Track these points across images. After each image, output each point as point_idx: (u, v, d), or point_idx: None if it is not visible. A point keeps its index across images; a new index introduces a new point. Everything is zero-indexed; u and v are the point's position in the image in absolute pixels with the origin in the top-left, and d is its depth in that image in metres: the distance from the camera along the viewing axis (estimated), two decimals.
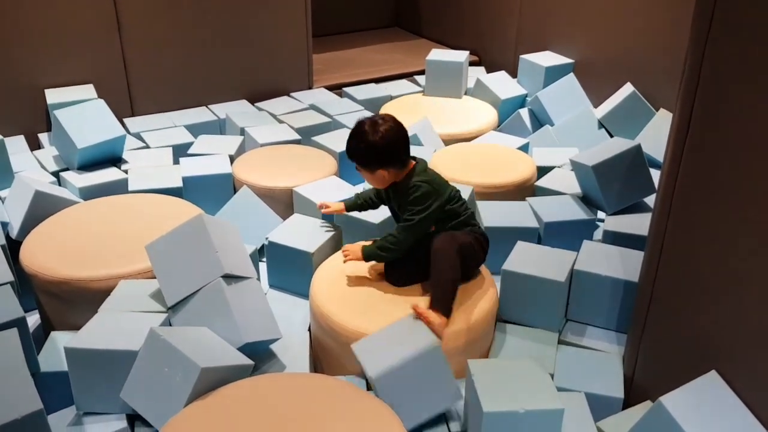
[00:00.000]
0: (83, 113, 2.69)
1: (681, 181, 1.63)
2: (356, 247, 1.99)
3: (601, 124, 3.13)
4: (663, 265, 1.74)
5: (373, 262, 2.03)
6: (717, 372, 1.61)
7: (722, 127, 1.50)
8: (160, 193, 2.54)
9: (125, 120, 3.20)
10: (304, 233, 2.31)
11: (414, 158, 1.98)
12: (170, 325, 1.84)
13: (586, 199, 2.58)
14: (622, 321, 2.07)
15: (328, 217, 2.41)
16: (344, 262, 2.00)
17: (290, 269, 2.26)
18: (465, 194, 2.48)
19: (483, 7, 4.16)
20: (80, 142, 2.60)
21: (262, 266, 2.40)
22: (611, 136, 3.09)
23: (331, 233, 2.32)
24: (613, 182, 2.45)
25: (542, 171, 2.82)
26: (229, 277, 1.83)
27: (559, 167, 2.85)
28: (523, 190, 2.67)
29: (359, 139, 1.92)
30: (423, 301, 1.88)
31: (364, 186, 2.44)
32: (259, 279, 2.20)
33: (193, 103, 3.44)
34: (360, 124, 1.93)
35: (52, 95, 2.98)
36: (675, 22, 2.98)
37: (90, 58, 3.12)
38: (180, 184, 2.62)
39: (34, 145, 3.00)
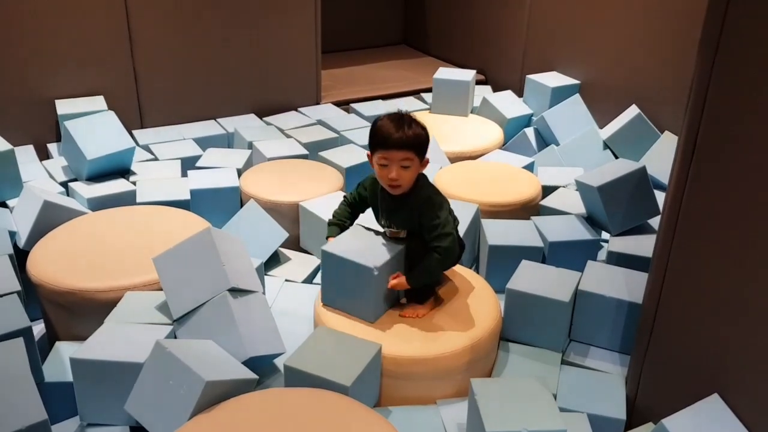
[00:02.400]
0: (93, 124, 2.72)
1: (686, 204, 1.64)
2: (400, 282, 1.92)
3: (606, 145, 3.15)
4: (667, 287, 1.75)
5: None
6: (719, 395, 1.61)
7: (727, 153, 1.51)
8: (168, 205, 2.56)
9: (134, 132, 3.23)
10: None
11: None
12: (175, 337, 1.85)
13: (590, 220, 2.59)
14: (625, 342, 2.07)
15: None
16: (392, 285, 1.93)
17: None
18: (470, 212, 2.51)
19: (490, 26, 4.20)
20: (90, 153, 2.63)
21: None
22: (616, 157, 3.10)
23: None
24: (618, 203, 2.46)
25: (547, 190, 2.84)
26: (235, 291, 1.85)
27: (564, 187, 2.86)
28: (527, 209, 2.69)
29: (420, 126, 1.88)
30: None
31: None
32: (264, 293, 2.23)
33: (202, 117, 3.47)
34: (404, 115, 1.90)
35: (63, 106, 3.01)
36: (681, 46, 3.01)
37: (101, 70, 3.16)
38: (188, 196, 2.64)
39: (44, 155, 3.03)
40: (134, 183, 2.73)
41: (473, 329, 1.92)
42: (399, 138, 1.84)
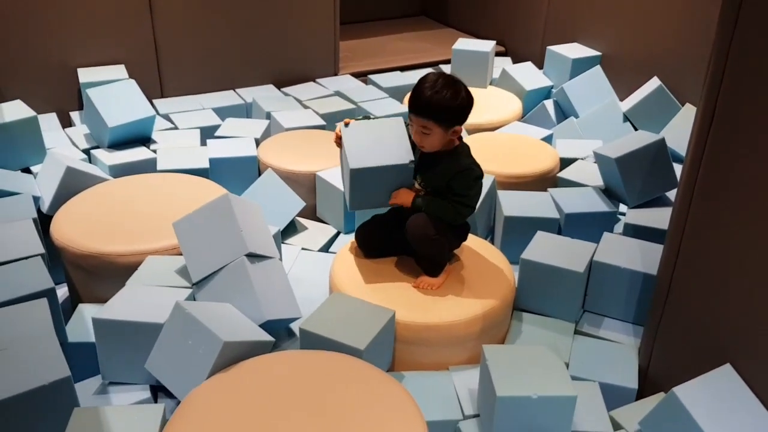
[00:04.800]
0: (115, 92, 2.75)
1: (702, 176, 1.63)
2: (408, 193, 1.92)
3: (626, 118, 3.12)
4: (681, 258, 1.75)
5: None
6: (731, 365, 1.62)
7: (745, 124, 1.50)
8: (188, 173, 2.59)
9: (155, 101, 3.25)
10: None
11: None
12: (195, 300, 1.89)
13: (608, 192, 2.58)
14: (639, 313, 2.08)
15: None
16: (390, 203, 1.93)
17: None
18: (486, 184, 2.51)
19: None
20: (111, 121, 2.66)
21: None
22: (636, 129, 3.08)
23: None
24: (636, 175, 2.45)
25: (565, 163, 2.82)
26: (253, 256, 1.88)
27: (582, 159, 2.85)
28: (544, 181, 2.68)
29: (454, 91, 1.80)
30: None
31: None
32: (281, 259, 2.26)
33: (221, 87, 3.49)
34: (445, 76, 1.83)
35: (85, 74, 3.04)
36: (704, 17, 2.96)
37: (122, 39, 3.18)
38: (207, 165, 2.66)
39: (66, 122, 3.07)
40: (155, 151, 2.76)
41: (486, 298, 1.94)
42: (418, 103, 1.81)
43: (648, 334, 1.92)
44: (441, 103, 1.79)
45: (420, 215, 1.91)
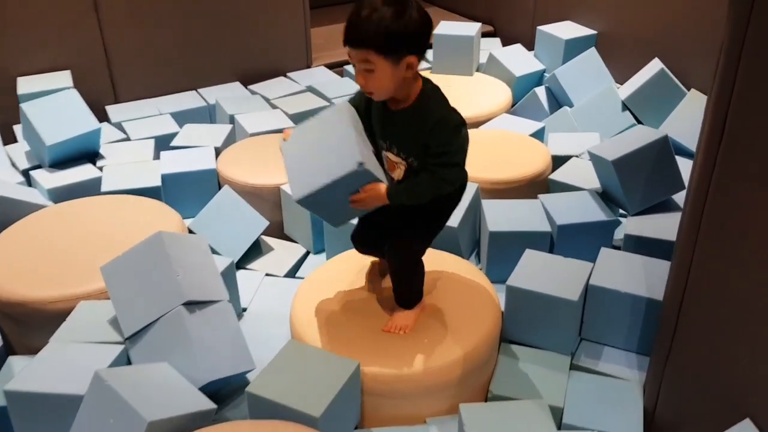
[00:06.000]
0: (54, 105, 2.48)
1: (717, 177, 1.34)
2: (376, 191, 1.51)
3: (625, 106, 2.82)
4: (693, 281, 1.48)
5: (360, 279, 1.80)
6: (752, 421, 1.37)
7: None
8: (137, 193, 2.33)
9: (108, 108, 2.98)
10: None
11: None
12: (128, 358, 1.64)
13: (606, 195, 2.30)
14: (643, 342, 1.83)
15: None
16: (356, 199, 1.52)
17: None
18: (468, 193, 2.24)
19: None
20: (49, 138, 2.39)
21: None
22: (636, 118, 2.78)
23: None
24: (637, 178, 2.17)
25: (558, 161, 2.54)
26: (193, 304, 1.63)
27: (576, 156, 2.57)
28: (535, 186, 2.41)
29: (398, 8, 1.38)
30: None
31: None
32: (237, 296, 2.01)
33: (182, 87, 3.19)
34: None
35: (24, 84, 2.76)
36: None
37: (66, 41, 2.88)
38: (158, 182, 2.40)
39: (9, 138, 2.78)
40: (102, 168, 2.49)
41: (468, 336, 1.69)
42: (352, 29, 1.40)
43: (654, 372, 1.66)
44: (380, 24, 1.37)
45: (397, 239, 1.63)
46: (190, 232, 2.20)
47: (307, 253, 2.35)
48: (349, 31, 1.42)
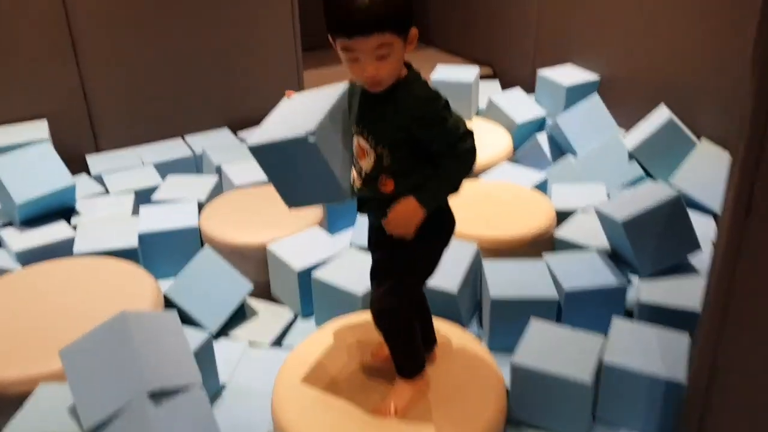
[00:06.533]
0: (25, 159, 2.33)
1: (752, 237, 1.19)
2: (405, 207, 1.38)
3: (632, 155, 2.67)
4: (723, 358, 1.31)
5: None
6: None
7: None
8: (112, 254, 2.17)
9: (88, 157, 2.83)
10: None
11: None
12: None
13: (615, 255, 2.15)
14: (666, 425, 1.65)
15: None
16: (390, 223, 1.40)
17: None
18: (468, 254, 2.08)
19: (496, 12, 3.71)
20: (19, 196, 2.24)
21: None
22: (644, 169, 2.63)
23: None
24: (649, 239, 2.02)
25: (563, 216, 2.39)
26: (160, 394, 1.45)
27: (582, 210, 2.41)
28: (539, 244, 2.25)
29: None
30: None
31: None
32: (215, 372, 1.84)
33: (167, 133, 3.05)
34: None
35: None
36: (722, 30, 2.51)
37: (43, 88, 2.74)
38: (135, 243, 2.23)
39: None
40: (76, 226, 2.33)
41: (469, 423, 1.51)
42: (363, 13, 1.24)
43: None
44: (392, 1, 1.25)
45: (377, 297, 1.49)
46: (166, 299, 2.03)
47: (296, 317, 2.18)
48: (354, 17, 1.24)
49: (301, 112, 1.39)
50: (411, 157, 1.39)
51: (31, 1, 2.63)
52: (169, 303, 2.04)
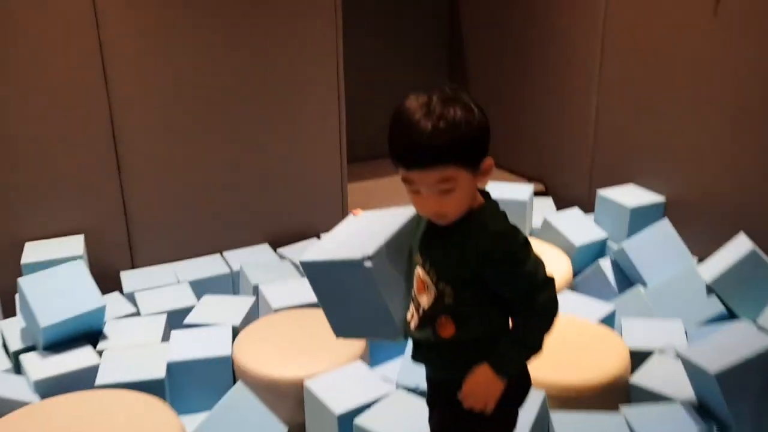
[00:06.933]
0: (55, 279, 2.19)
1: None
2: (481, 378, 1.21)
3: (710, 288, 2.41)
4: None
5: None
6: None
7: None
8: (137, 387, 1.97)
9: (122, 274, 2.70)
10: None
11: None
12: None
13: (703, 408, 1.86)
14: None
15: None
16: (466, 398, 1.23)
17: None
18: (534, 404, 1.82)
19: (549, 126, 3.59)
20: (45, 319, 2.09)
21: None
22: (724, 304, 2.37)
23: None
24: (745, 394, 1.75)
25: (637, 358, 2.12)
26: None
27: (659, 352, 2.14)
28: (613, 391, 1.97)
29: (464, 105, 1.14)
30: None
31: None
32: None
33: (205, 249, 2.92)
34: (434, 90, 1.15)
35: (31, 251, 2.50)
36: None
37: (84, 205, 2.66)
38: (162, 374, 2.04)
39: (10, 310, 2.49)
40: (101, 353, 2.16)
41: None
42: (420, 147, 1.12)
43: None
44: (457, 129, 1.12)
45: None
46: None
47: None
48: (414, 150, 1.13)
49: (364, 233, 1.32)
50: (477, 300, 1.22)
51: (80, 115, 2.60)
52: None
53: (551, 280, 1.22)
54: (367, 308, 1.28)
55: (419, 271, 1.26)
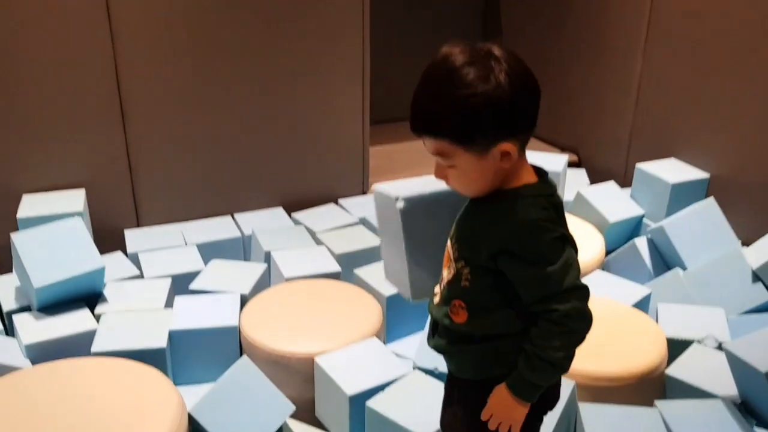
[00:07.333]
0: (51, 236, 2.06)
1: None
2: (499, 402, 1.09)
3: (756, 276, 2.22)
4: None
5: None
6: None
7: None
8: (135, 356, 1.84)
9: (126, 232, 2.56)
10: None
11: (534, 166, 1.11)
12: None
13: (747, 408, 1.70)
14: None
15: None
16: (488, 419, 1.11)
17: None
18: (563, 393, 1.67)
19: (588, 94, 3.36)
20: (38, 279, 1.96)
21: None
22: None
23: None
24: None
25: (675, 347, 1.95)
26: None
27: (699, 341, 1.97)
28: (647, 384, 1.81)
29: (478, 72, 0.98)
30: None
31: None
32: None
33: (216, 210, 2.77)
34: (464, 48, 1.01)
35: (27, 205, 2.35)
36: None
37: (83, 153, 2.49)
38: (164, 343, 1.91)
39: (8, 266, 2.37)
40: (99, 317, 2.03)
41: None
42: (414, 111, 1.04)
43: None
44: (453, 100, 0.99)
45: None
46: (190, 418, 1.69)
47: None
48: (411, 112, 1.05)
49: (428, 184, 1.32)
50: (496, 293, 1.09)
51: (85, 64, 2.42)
52: (193, 423, 1.69)
53: (580, 290, 1.04)
54: (398, 255, 1.32)
55: (448, 243, 1.16)
